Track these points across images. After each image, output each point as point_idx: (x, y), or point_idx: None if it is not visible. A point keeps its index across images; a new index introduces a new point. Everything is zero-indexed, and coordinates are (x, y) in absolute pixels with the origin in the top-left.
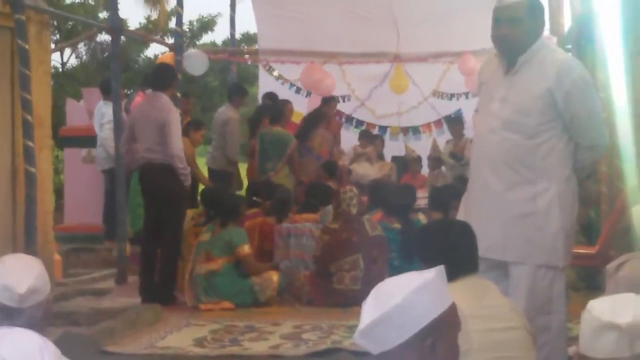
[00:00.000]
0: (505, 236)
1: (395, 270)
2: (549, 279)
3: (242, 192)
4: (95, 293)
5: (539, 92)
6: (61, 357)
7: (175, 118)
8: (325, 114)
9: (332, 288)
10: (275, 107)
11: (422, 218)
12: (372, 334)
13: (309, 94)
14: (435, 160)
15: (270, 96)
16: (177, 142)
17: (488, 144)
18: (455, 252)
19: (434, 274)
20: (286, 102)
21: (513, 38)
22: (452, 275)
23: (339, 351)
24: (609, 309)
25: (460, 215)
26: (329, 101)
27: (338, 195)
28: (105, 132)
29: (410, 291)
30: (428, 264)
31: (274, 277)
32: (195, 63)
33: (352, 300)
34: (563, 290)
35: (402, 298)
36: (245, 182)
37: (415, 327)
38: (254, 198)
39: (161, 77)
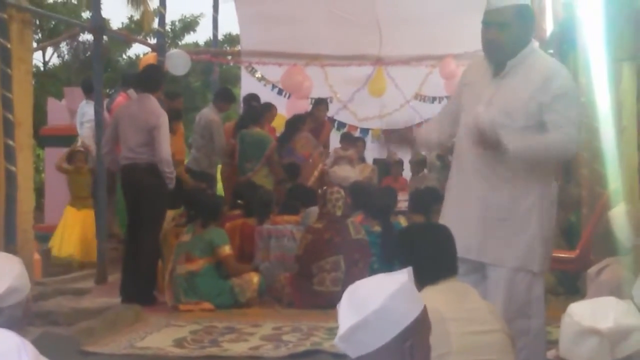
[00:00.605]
0: (483, 237)
1: (375, 273)
2: (527, 283)
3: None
4: (75, 293)
5: (525, 97)
6: (40, 357)
7: (165, 122)
8: (314, 116)
9: (312, 289)
10: (255, 109)
11: (402, 221)
12: (351, 338)
13: (290, 96)
14: (418, 163)
15: (255, 98)
16: (166, 147)
17: (471, 144)
18: (435, 255)
19: (407, 277)
20: (271, 106)
21: (501, 42)
22: (433, 278)
23: (319, 353)
24: (589, 313)
25: (441, 216)
26: (319, 103)
27: (324, 195)
28: (84, 131)
29: (388, 295)
30: (408, 266)
31: (255, 278)
32: (177, 63)
33: (333, 302)
34: (542, 294)
35: (381, 303)
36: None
37: (394, 330)
38: (238, 200)
39: (150, 78)
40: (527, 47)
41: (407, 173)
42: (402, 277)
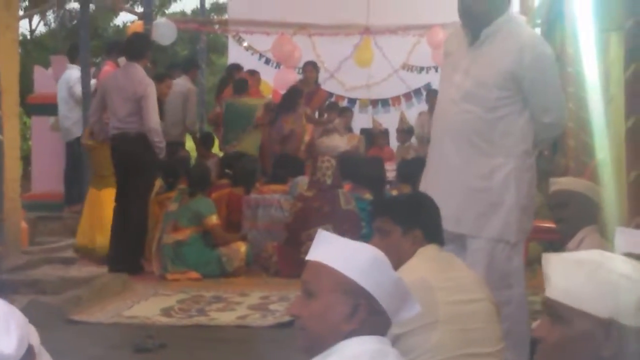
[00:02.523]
0: (460, 209)
1: (363, 239)
2: (506, 254)
3: None
4: (62, 261)
5: (500, 67)
6: (28, 325)
7: (152, 91)
8: (305, 78)
9: (300, 259)
10: (241, 79)
11: (394, 191)
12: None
13: (278, 65)
14: (405, 132)
15: (237, 67)
16: (154, 116)
17: (448, 115)
18: (425, 223)
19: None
20: (254, 72)
21: (477, 10)
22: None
23: None
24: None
25: (421, 186)
26: (307, 64)
27: (315, 164)
28: (77, 92)
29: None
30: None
31: (242, 247)
32: (164, 32)
33: None
34: (521, 264)
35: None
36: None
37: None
38: (226, 170)
39: (136, 46)
40: (503, 15)
41: (393, 143)
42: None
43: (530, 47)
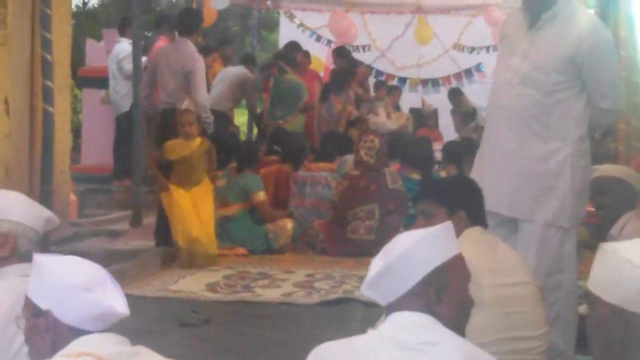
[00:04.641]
0: (514, 192)
1: (411, 219)
2: (559, 239)
3: None
4: (110, 234)
5: (559, 52)
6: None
7: (201, 67)
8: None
9: (346, 237)
10: (290, 56)
11: (442, 173)
12: (376, 285)
13: (329, 42)
14: (468, 115)
15: (290, 46)
16: (202, 92)
17: (505, 98)
18: (468, 204)
19: (438, 228)
20: (306, 52)
21: None
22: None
23: (350, 301)
24: None
25: (474, 169)
26: (336, 53)
27: (358, 142)
28: (126, 70)
29: (412, 242)
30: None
31: (289, 224)
32: None
33: (366, 251)
34: (574, 249)
35: (404, 248)
36: None
37: (416, 275)
38: (274, 146)
39: (187, 21)
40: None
41: (448, 123)
42: (433, 228)
43: (589, 33)
